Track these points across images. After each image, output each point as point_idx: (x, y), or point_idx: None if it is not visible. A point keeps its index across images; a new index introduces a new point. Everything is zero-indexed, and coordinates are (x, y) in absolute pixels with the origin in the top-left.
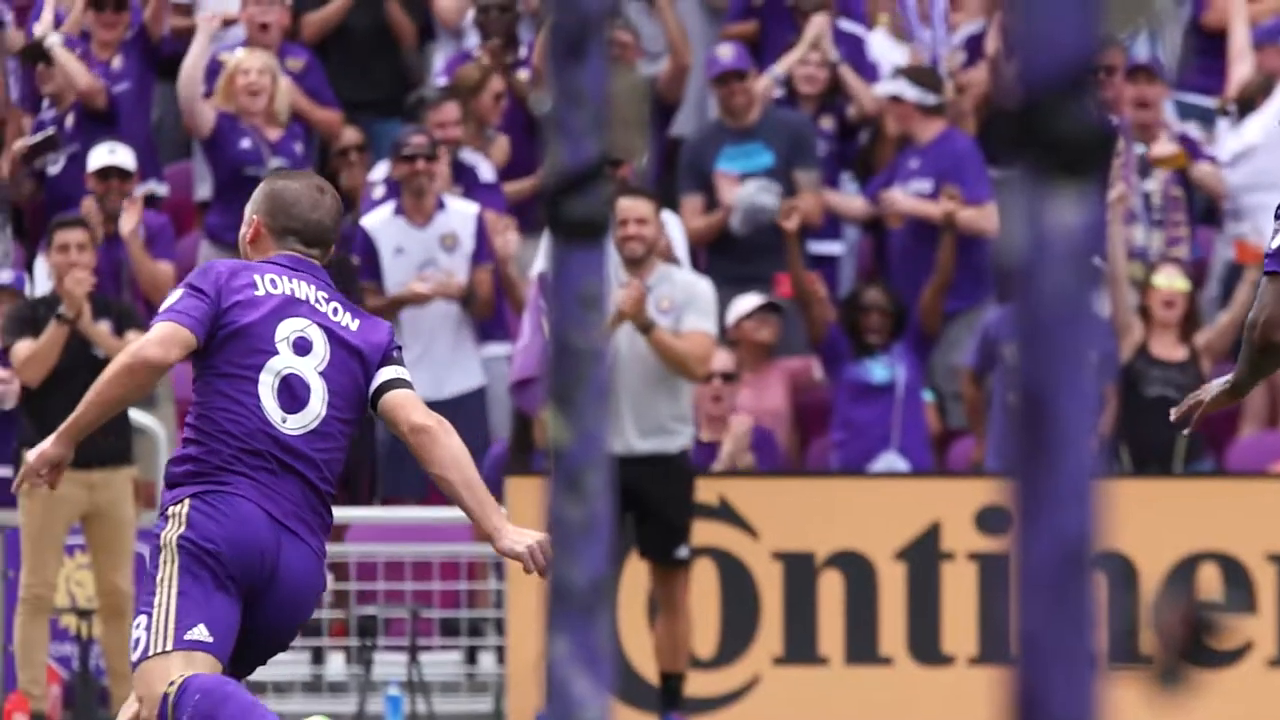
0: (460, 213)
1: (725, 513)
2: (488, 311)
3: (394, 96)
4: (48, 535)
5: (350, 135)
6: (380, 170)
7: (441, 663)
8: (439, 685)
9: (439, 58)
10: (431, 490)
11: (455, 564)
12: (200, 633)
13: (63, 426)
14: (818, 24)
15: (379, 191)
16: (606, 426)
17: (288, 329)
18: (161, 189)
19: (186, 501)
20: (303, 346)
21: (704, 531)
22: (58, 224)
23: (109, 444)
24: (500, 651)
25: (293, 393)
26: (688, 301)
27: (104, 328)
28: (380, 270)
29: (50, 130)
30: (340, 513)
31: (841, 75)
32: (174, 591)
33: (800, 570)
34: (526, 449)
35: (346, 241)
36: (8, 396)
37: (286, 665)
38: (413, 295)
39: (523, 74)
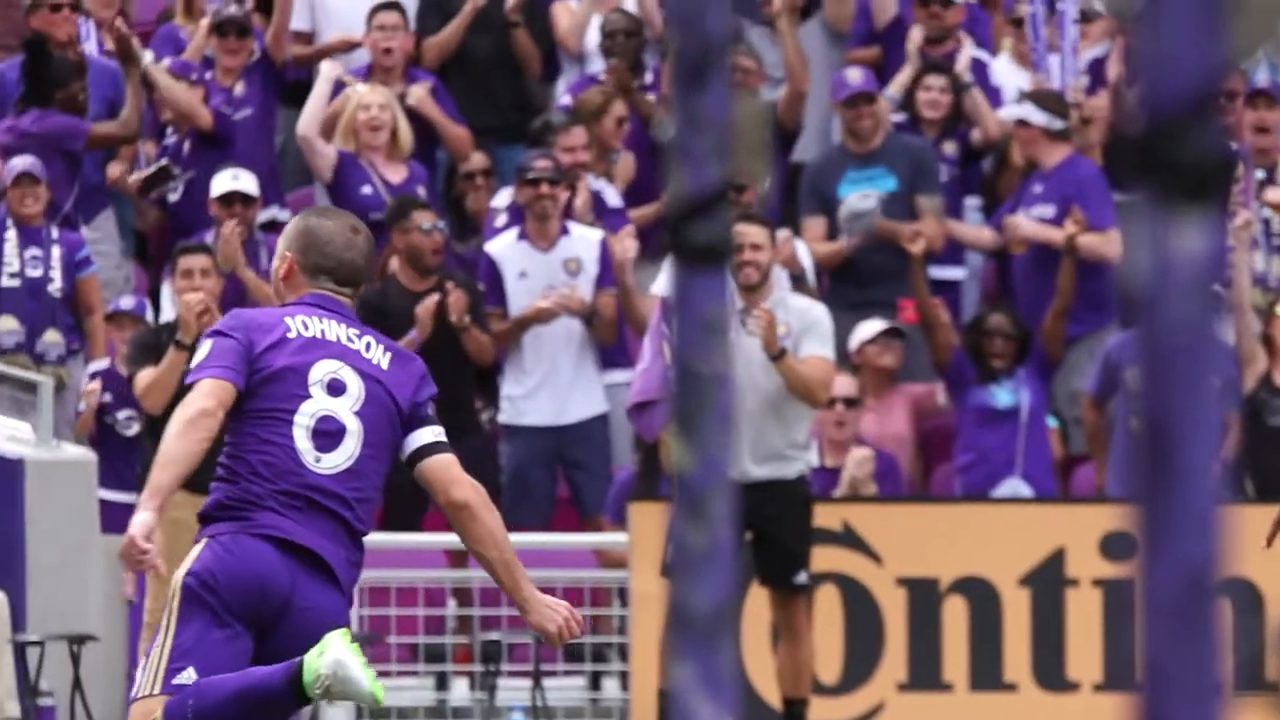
0: (584, 238)
1: (849, 538)
2: (611, 334)
3: (517, 122)
4: (171, 560)
5: (477, 160)
6: (503, 197)
7: (565, 688)
8: (563, 711)
9: (562, 83)
10: (555, 517)
11: (579, 590)
12: (187, 676)
13: (148, 495)
14: (915, 38)
15: (500, 219)
16: (730, 452)
17: (321, 371)
18: (284, 215)
19: (204, 541)
20: (336, 388)
21: (828, 557)
22: (181, 250)
23: None
24: (624, 677)
25: (327, 433)
26: (805, 328)
27: None
28: (504, 295)
29: (163, 161)
30: None
31: (967, 100)
32: (170, 634)
33: (924, 596)
34: (654, 474)
35: (471, 267)
36: (133, 422)
37: (411, 691)
38: (537, 312)
39: (649, 97)
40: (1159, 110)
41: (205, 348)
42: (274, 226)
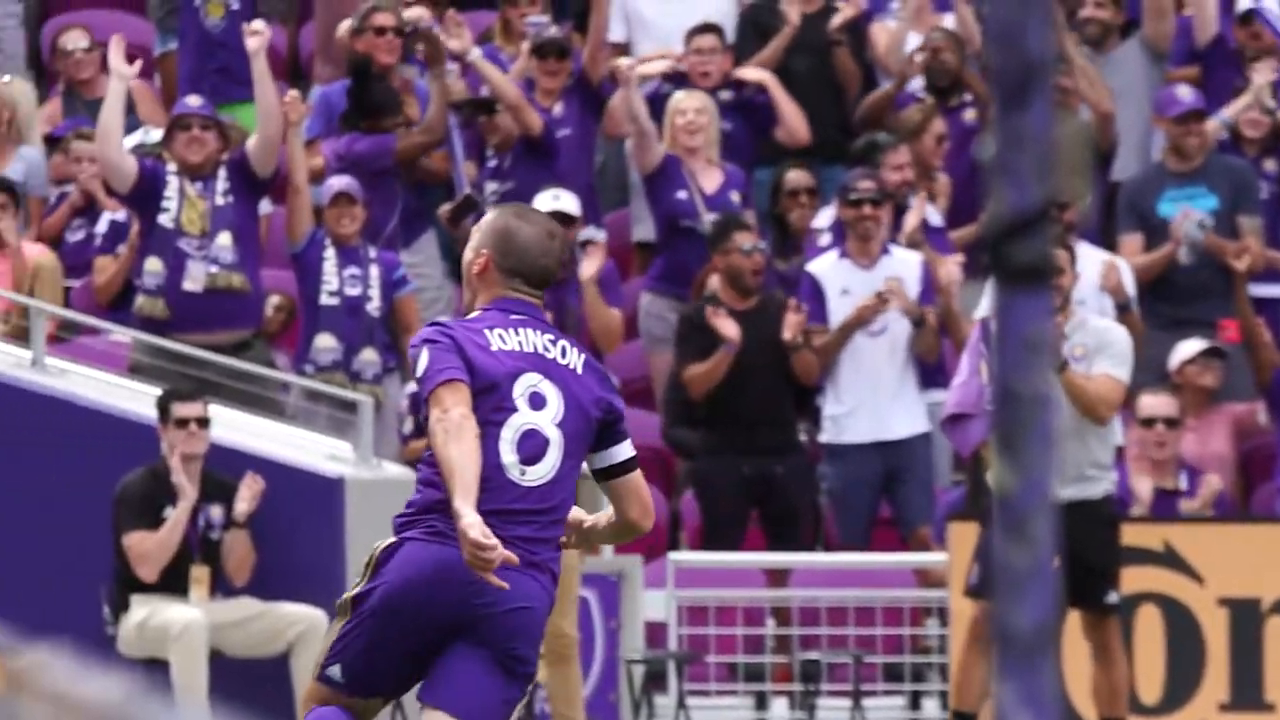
0: (904, 260)
1: (1170, 559)
2: (934, 344)
3: (837, 141)
4: None
5: (801, 178)
6: (824, 216)
7: (885, 708)
8: None
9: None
10: (875, 536)
11: (898, 609)
12: (334, 672)
13: (461, 498)
14: (1264, 72)
15: (824, 239)
16: (1052, 472)
17: (524, 385)
18: (600, 235)
19: (398, 544)
20: (538, 401)
21: (1148, 577)
22: None
23: None
24: (944, 697)
25: (532, 446)
26: (1100, 347)
27: None
28: (827, 313)
29: (468, 191)
30: (783, 558)
31: None
32: (338, 628)
33: (1246, 616)
34: (983, 494)
35: (791, 285)
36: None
37: (730, 710)
38: (861, 311)
39: (970, 113)
40: None
41: (425, 356)
42: (587, 246)
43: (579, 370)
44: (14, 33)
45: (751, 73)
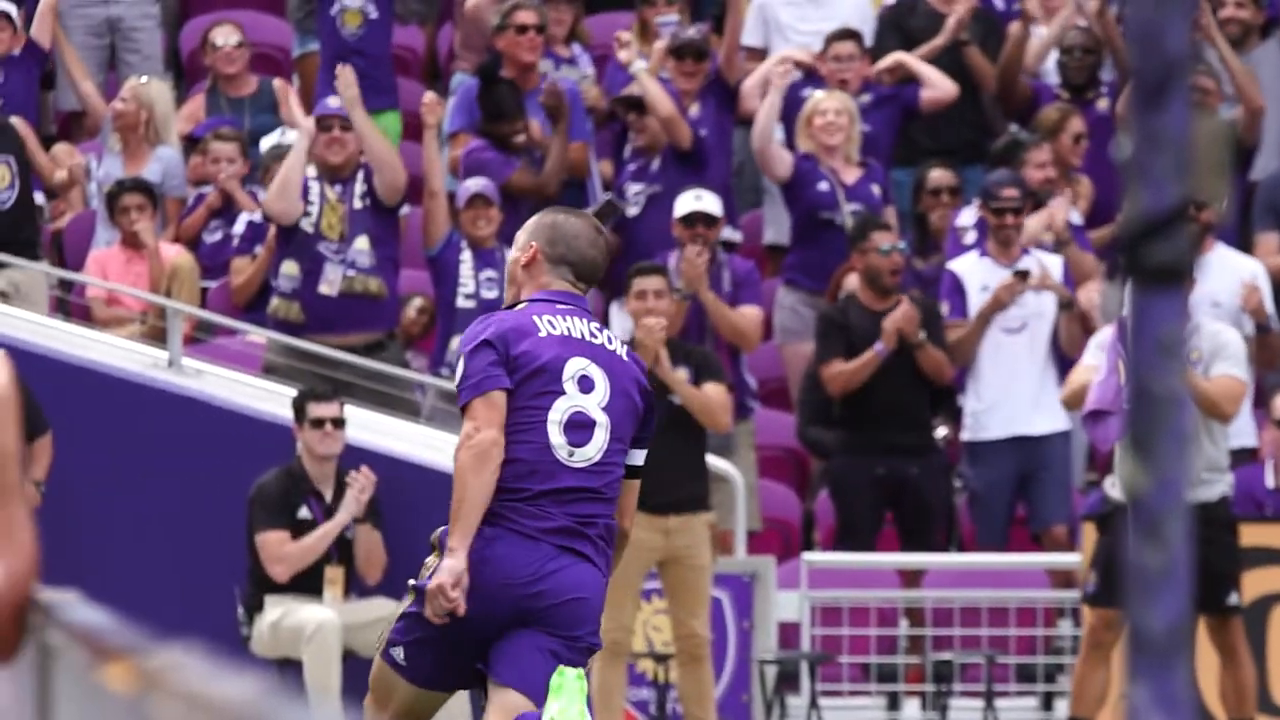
0: (1045, 260)
1: None
2: (1079, 338)
3: (975, 141)
4: (624, 580)
5: (944, 177)
6: (968, 215)
7: (1018, 709)
8: None
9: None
10: (1011, 537)
11: (1031, 610)
12: (397, 654)
13: (455, 538)
14: None
15: (970, 237)
16: (1186, 473)
17: (573, 369)
18: (736, 236)
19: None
20: (586, 384)
21: (1278, 578)
22: (636, 271)
23: (687, 490)
24: None
25: (579, 428)
26: (1215, 351)
27: (681, 374)
28: (968, 309)
29: (609, 195)
30: (916, 559)
31: None
32: (402, 611)
33: None
34: (1104, 500)
35: (929, 284)
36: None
37: (863, 710)
38: (1001, 291)
39: (1103, 102)
40: None
41: (462, 365)
42: (731, 246)
43: (625, 358)
44: (151, 34)
45: (887, 60)
